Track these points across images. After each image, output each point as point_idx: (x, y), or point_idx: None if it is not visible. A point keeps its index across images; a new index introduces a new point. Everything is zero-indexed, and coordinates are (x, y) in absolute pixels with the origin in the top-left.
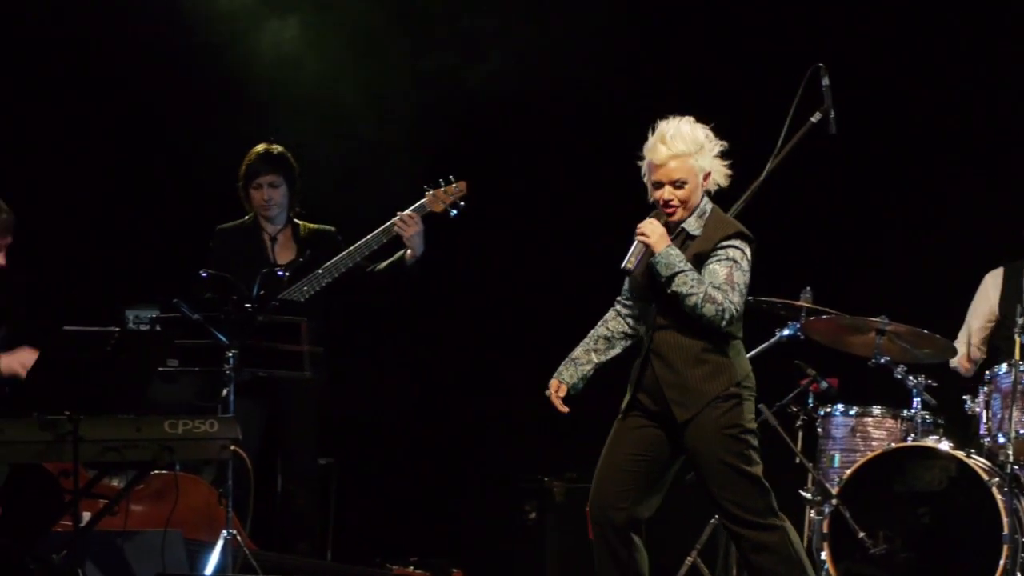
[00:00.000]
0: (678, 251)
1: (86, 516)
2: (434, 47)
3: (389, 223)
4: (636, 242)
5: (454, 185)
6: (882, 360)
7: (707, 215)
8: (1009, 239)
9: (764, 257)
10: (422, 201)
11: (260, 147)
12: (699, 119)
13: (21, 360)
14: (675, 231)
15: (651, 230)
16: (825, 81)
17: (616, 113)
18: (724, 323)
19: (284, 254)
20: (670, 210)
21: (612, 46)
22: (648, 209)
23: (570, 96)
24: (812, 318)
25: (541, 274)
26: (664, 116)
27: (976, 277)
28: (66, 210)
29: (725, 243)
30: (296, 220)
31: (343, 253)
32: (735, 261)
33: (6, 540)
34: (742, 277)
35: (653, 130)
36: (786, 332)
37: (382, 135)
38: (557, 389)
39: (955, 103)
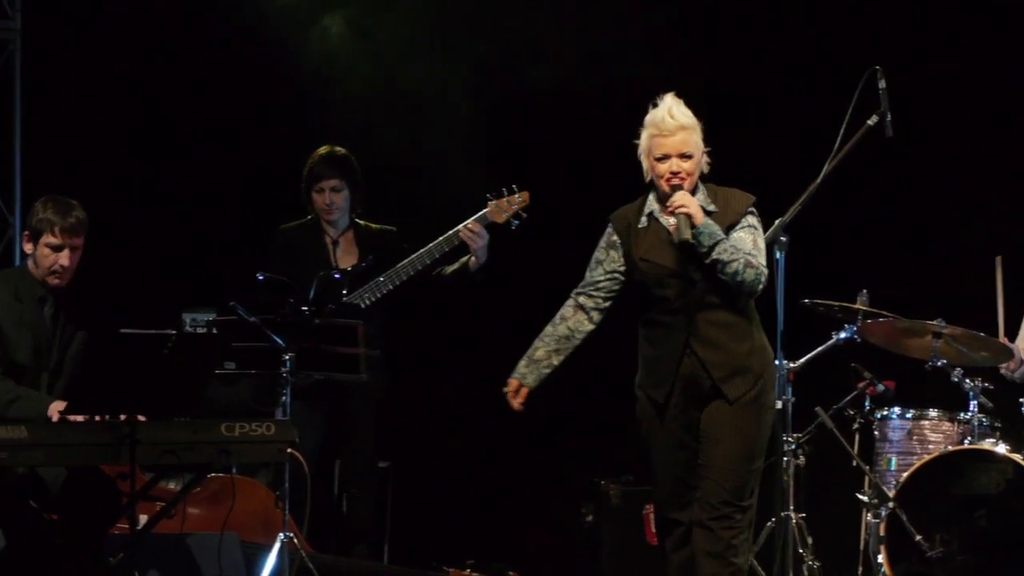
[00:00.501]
0: (711, 220)
1: (143, 519)
2: (493, 48)
3: (452, 232)
4: (677, 215)
5: (517, 195)
6: (939, 363)
7: (708, 191)
8: None
9: (821, 260)
10: (484, 211)
11: (323, 149)
12: (756, 122)
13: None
14: None
15: (688, 200)
16: (882, 84)
17: None
18: (760, 286)
19: (346, 258)
20: (678, 182)
21: (668, 48)
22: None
23: (625, 98)
24: (868, 321)
25: None
26: (715, 118)
27: None
28: (122, 212)
29: (750, 210)
30: (358, 220)
31: (405, 261)
32: (755, 228)
33: (64, 542)
34: (763, 243)
35: (654, 106)
36: (843, 335)
37: (440, 133)
38: (518, 390)
39: (1010, 103)
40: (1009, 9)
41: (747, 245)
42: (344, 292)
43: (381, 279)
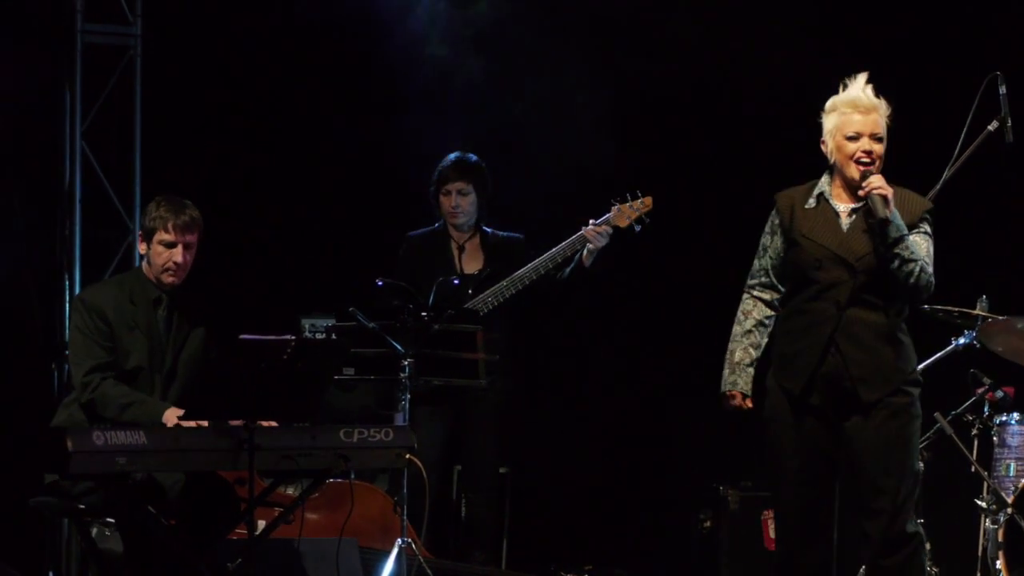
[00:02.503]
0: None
1: (261, 524)
2: (618, 49)
3: (576, 236)
4: (872, 197)
5: (640, 200)
6: None
7: None
8: None
9: (941, 265)
10: (608, 215)
11: (454, 154)
12: None
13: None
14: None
15: (885, 184)
16: (1002, 89)
17: (797, 120)
18: (927, 295)
19: (471, 264)
20: (868, 161)
21: (791, 51)
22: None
23: (749, 99)
24: (988, 321)
25: (718, 282)
26: None
27: None
28: (242, 217)
29: (926, 216)
30: (485, 228)
31: (528, 266)
32: (931, 236)
33: (182, 547)
34: (933, 253)
35: (844, 87)
36: (962, 341)
37: (565, 135)
38: (744, 401)
39: None
40: None
41: (922, 251)
42: (470, 292)
43: (504, 283)
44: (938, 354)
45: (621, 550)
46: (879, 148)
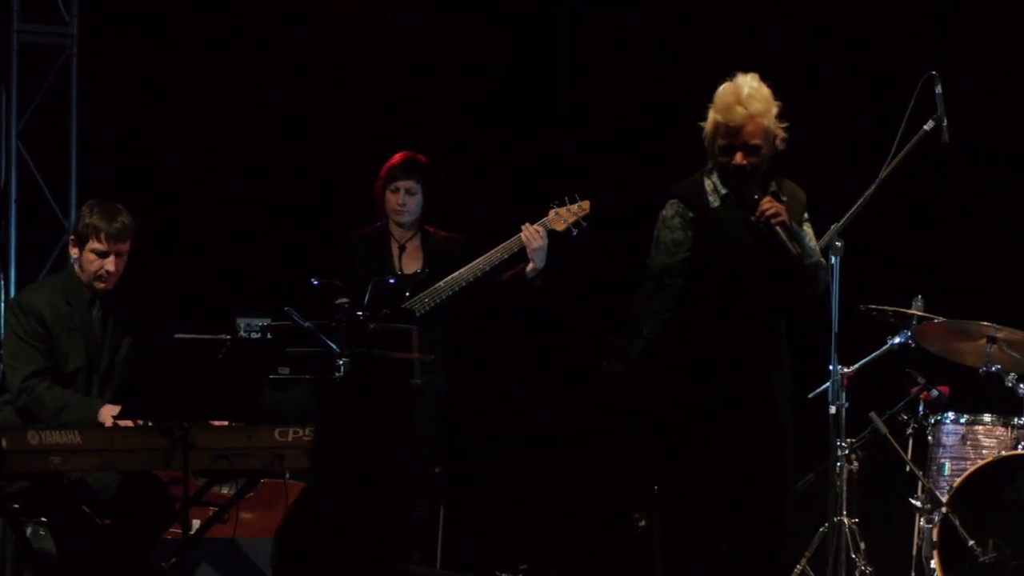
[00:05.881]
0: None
1: (196, 524)
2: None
3: (512, 239)
4: (775, 227)
5: (578, 204)
6: (993, 368)
7: (776, 179)
8: None
9: (876, 264)
10: (544, 219)
11: (403, 152)
12: (811, 126)
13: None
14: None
15: (779, 207)
16: (938, 89)
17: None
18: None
19: (411, 263)
20: (738, 178)
21: (723, 49)
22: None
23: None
24: (923, 323)
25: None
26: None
27: None
28: (177, 217)
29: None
30: (428, 228)
31: (465, 268)
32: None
33: (117, 547)
34: None
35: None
36: (897, 340)
37: (500, 137)
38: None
39: None
40: None
41: (814, 243)
42: (407, 294)
43: (441, 285)
44: (873, 353)
45: (556, 549)
46: (754, 159)
